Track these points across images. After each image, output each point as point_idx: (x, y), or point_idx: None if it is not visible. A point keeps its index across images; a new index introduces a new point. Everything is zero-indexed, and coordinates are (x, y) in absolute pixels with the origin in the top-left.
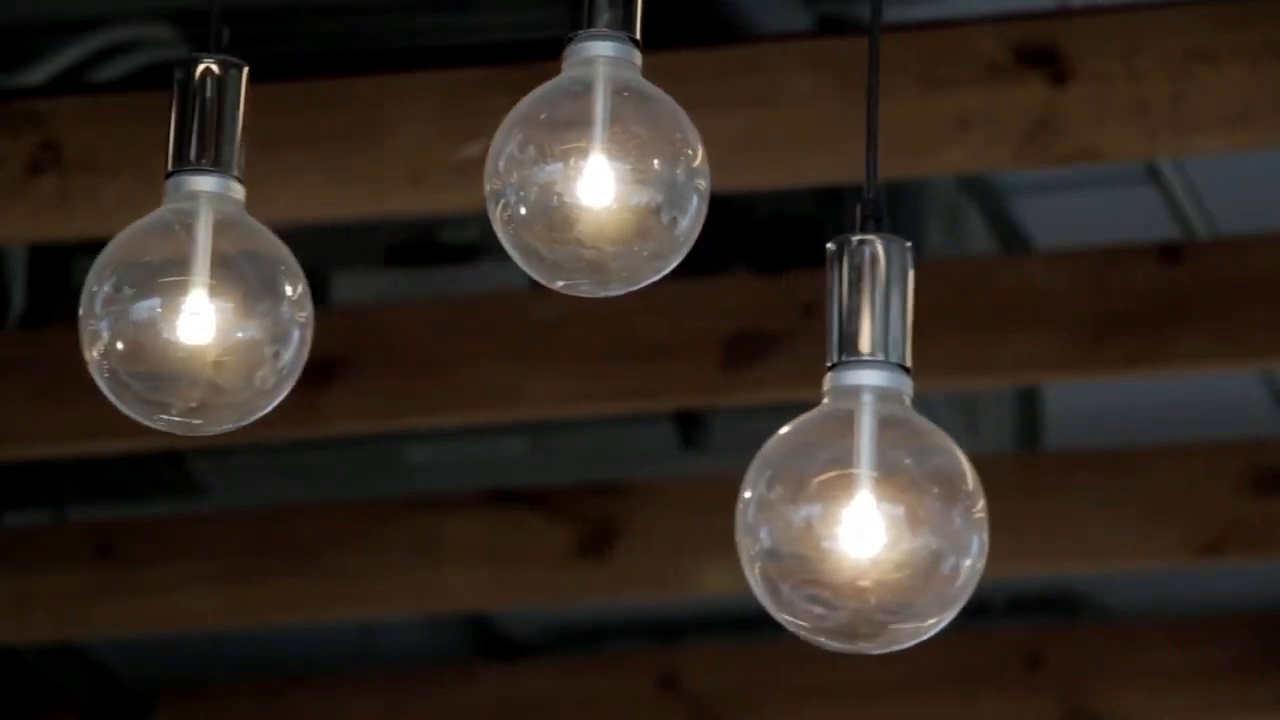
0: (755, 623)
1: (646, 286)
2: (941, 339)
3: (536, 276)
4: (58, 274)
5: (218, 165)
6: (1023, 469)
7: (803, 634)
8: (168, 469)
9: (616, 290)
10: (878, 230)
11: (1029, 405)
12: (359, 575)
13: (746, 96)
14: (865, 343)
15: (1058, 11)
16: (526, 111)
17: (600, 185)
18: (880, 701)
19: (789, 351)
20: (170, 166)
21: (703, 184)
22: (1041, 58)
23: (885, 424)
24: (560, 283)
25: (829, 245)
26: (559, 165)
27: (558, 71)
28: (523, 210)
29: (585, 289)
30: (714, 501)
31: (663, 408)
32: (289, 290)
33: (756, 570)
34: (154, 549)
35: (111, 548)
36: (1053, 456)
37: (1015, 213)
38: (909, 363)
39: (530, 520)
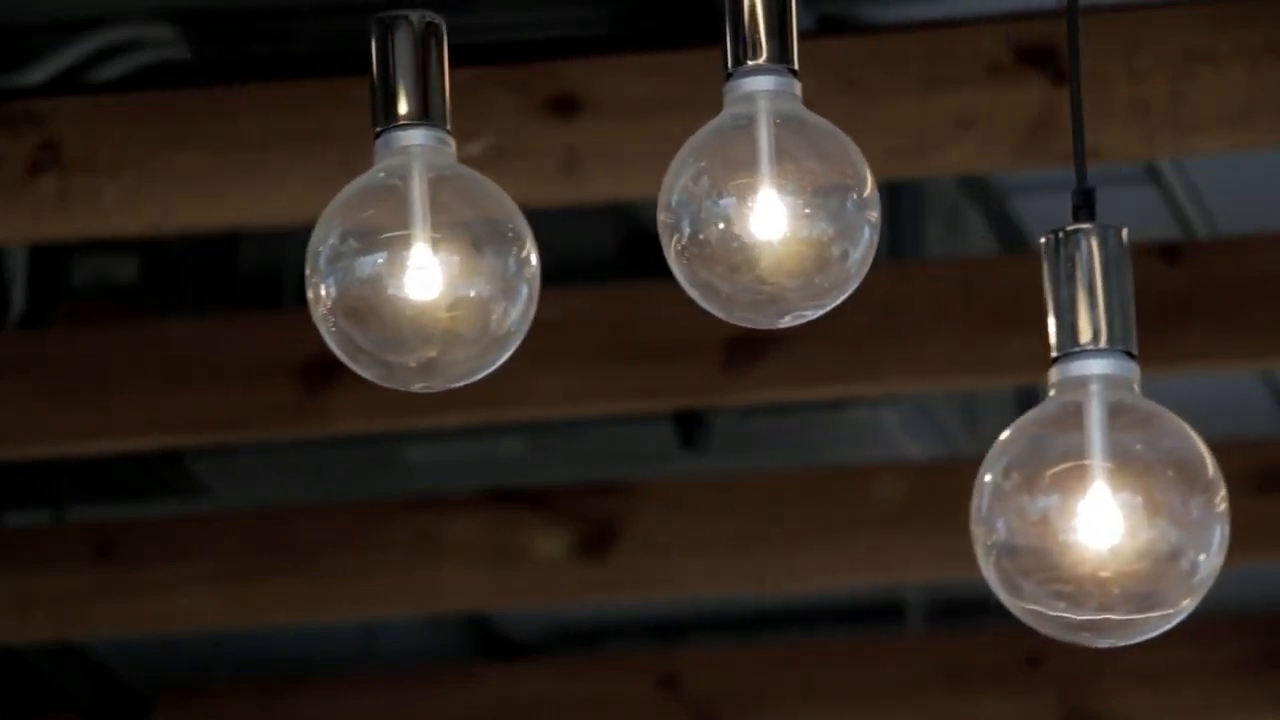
0: (755, 623)
1: (647, 286)
2: (941, 339)
3: (712, 309)
4: (58, 274)
5: (427, 119)
6: None
7: (1044, 628)
8: (168, 469)
9: (787, 322)
10: (1090, 219)
11: (1029, 405)
12: (359, 575)
13: None
14: (1087, 332)
15: (1057, 11)
16: (695, 147)
17: (772, 219)
18: (880, 701)
19: (789, 351)
20: (379, 125)
21: (874, 215)
22: (1041, 58)
23: (1114, 412)
24: (737, 316)
25: (1042, 239)
26: (731, 200)
27: (558, 71)
28: (698, 246)
29: (760, 322)
30: (714, 501)
31: (663, 408)
32: (514, 245)
33: (992, 563)
34: (154, 549)
35: (111, 548)
36: None
37: (1015, 213)
38: (1134, 349)
39: (530, 520)
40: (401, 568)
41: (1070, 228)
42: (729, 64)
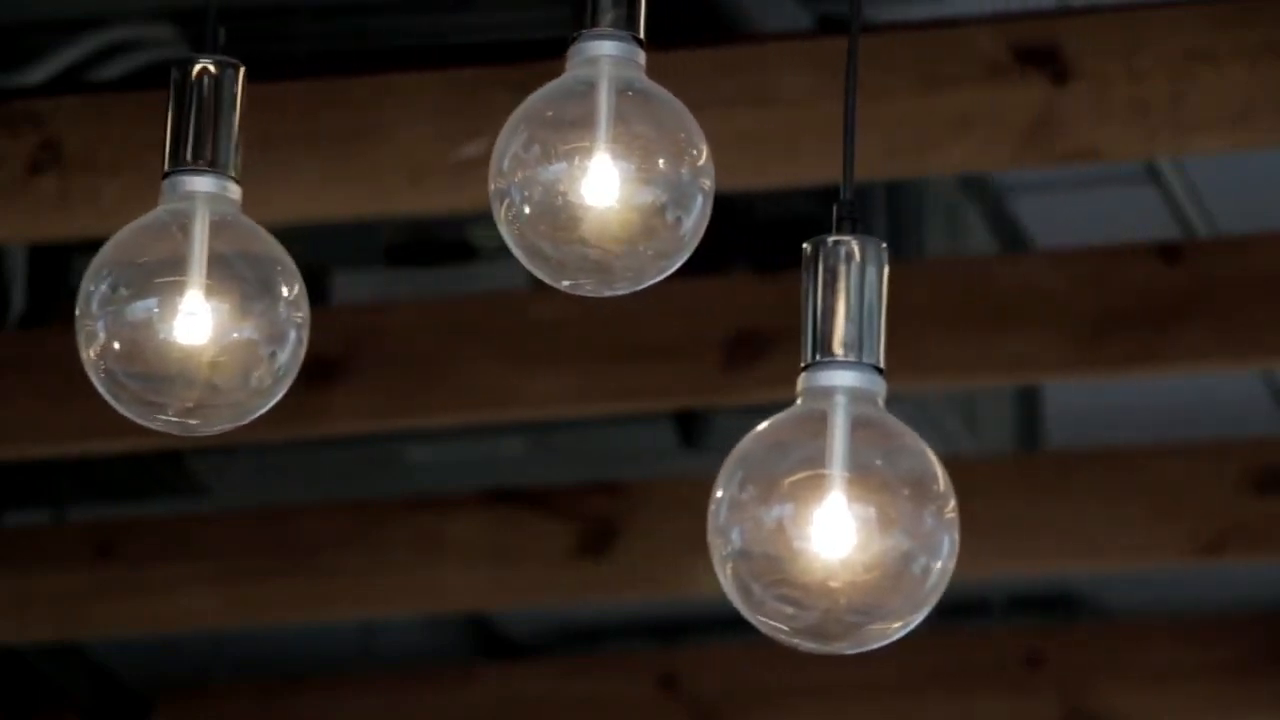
0: None
1: (647, 286)
2: (941, 339)
3: (541, 276)
4: (58, 274)
5: (214, 166)
6: (1023, 469)
7: (774, 635)
8: (168, 469)
9: (621, 290)
10: (853, 231)
11: (1029, 405)
12: (359, 575)
13: (746, 96)
14: (839, 343)
15: (1058, 11)
16: (530, 111)
17: (605, 184)
18: (880, 701)
19: (789, 351)
20: (167, 167)
21: (707, 183)
22: (1041, 57)
23: (858, 425)
24: (565, 282)
25: (804, 246)
26: (563, 165)
27: (558, 71)
28: (527, 210)
29: (590, 289)
30: None
31: (663, 408)
32: (285, 290)
33: (729, 571)
34: (154, 549)
35: (111, 548)
36: (1053, 456)
37: (1015, 212)
38: (882, 363)
39: (530, 520)
40: (401, 568)
41: (832, 238)
42: (573, 27)
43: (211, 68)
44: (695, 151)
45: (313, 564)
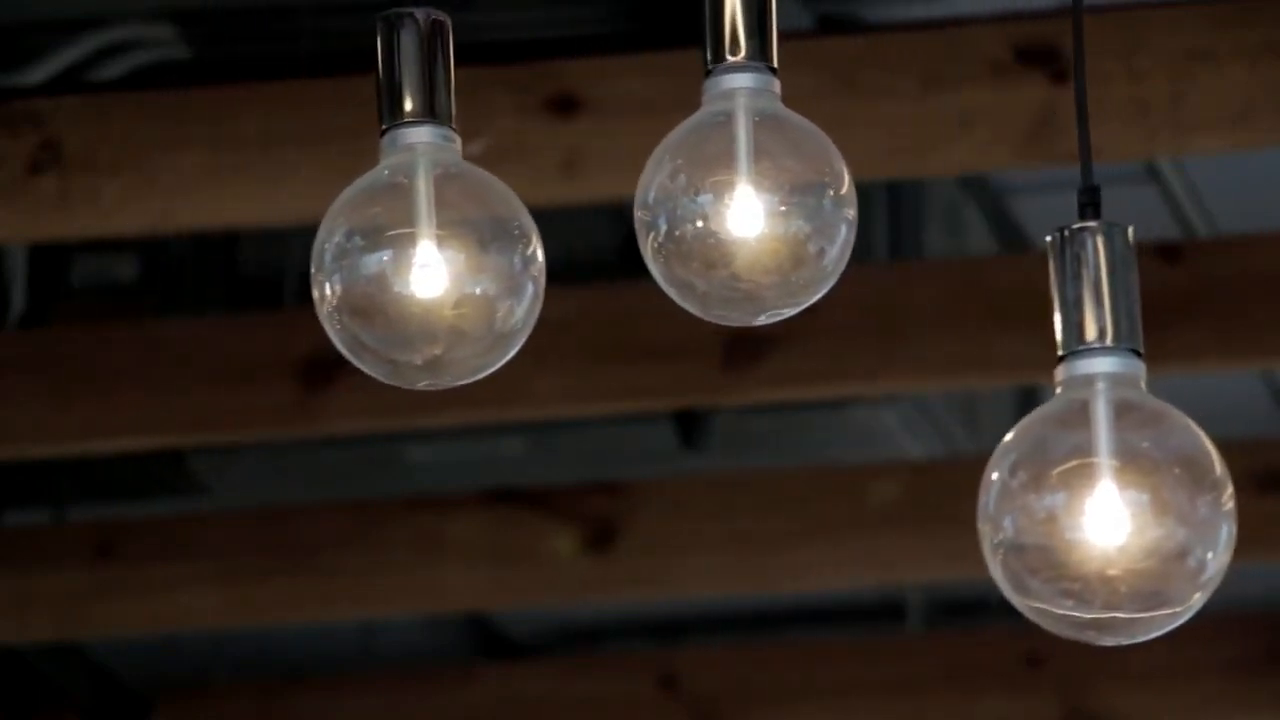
0: (755, 623)
1: (648, 286)
2: (941, 339)
3: (688, 307)
4: (58, 274)
5: (433, 116)
6: None
7: (1051, 626)
8: (168, 469)
9: (763, 321)
10: (1096, 217)
11: (1029, 405)
12: (359, 575)
13: None
14: (1093, 330)
15: (1058, 11)
16: (673, 144)
17: (749, 217)
18: (880, 701)
19: (789, 351)
20: (384, 123)
21: (850, 213)
22: (1042, 57)
23: (1121, 410)
24: (714, 314)
25: (1048, 237)
26: (709, 197)
27: (558, 70)
28: (675, 243)
29: (735, 319)
30: (714, 501)
31: (663, 408)
32: (521, 242)
33: (999, 560)
34: (154, 549)
35: (111, 548)
36: None
37: (1015, 212)
38: (1141, 347)
39: (530, 520)
40: (401, 568)
41: (1076, 226)
42: (708, 61)
43: (420, 19)
44: (837, 182)
45: (313, 564)
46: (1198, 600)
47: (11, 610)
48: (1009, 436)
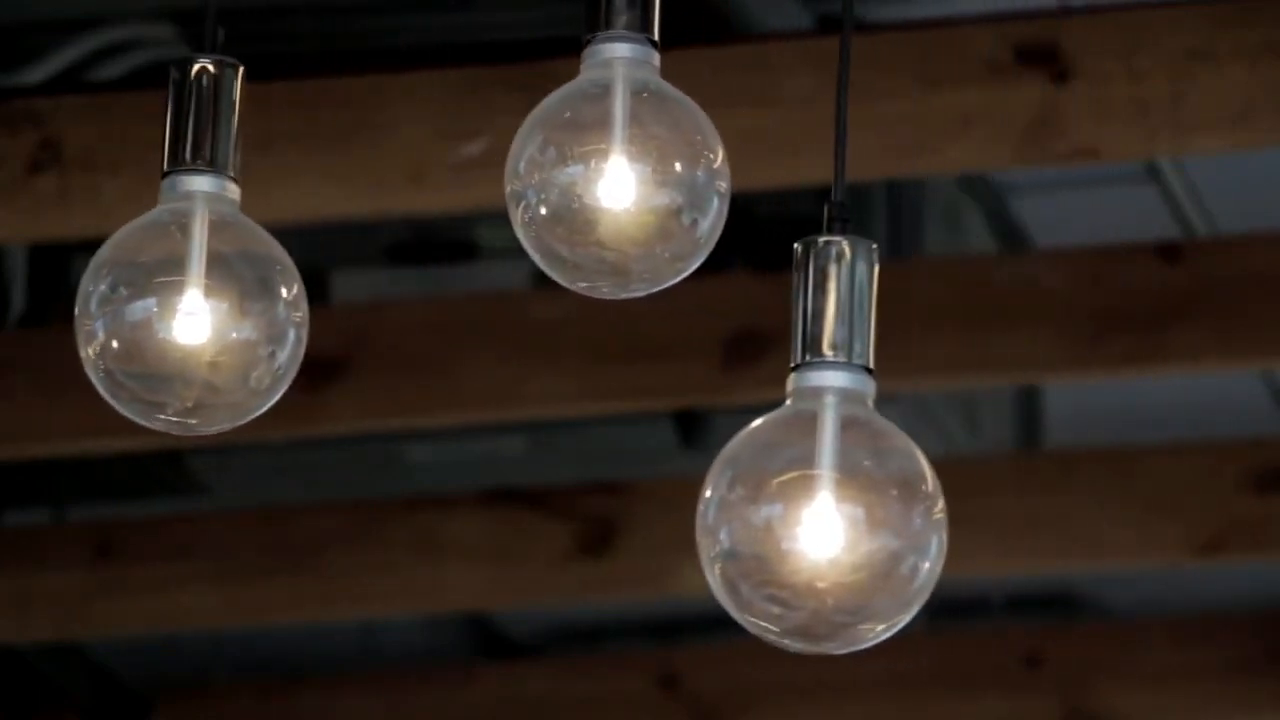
0: None
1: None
2: (941, 338)
3: (558, 278)
4: (58, 274)
5: (213, 165)
6: (1022, 468)
7: (762, 634)
8: (168, 468)
9: (638, 292)
10: (844, 231)
11: (1029, 404)
12: (359, 575)
13: (747, 95)
14: (828, 344)
15: (1058, 11)
16: (546, 113)
17: (621, 187)
18: (880, 701)
19: (789, 351)
20: (166, 166)
21: (723, 185)
22: (1042, 57)
23: (847, 425)
24: (581, 284)
25: (795, 246)
26: (580, 167)
27: (559, 71)
28: (543, 212)
29: (606, 291)
30: None
31: (663, 407)
32: (284, 290)
33: (717, 571)
34: (154, 549)
35: (111, 547)
36: (1052, 455)
37: (1015, 212)
38: (872, 364)
39: (530, 520)
40: (401, 567)
41: (823, 239)
42: (586, 29)
43: (211, 67)
44: (711, 154)
45: (313, 564)
46: (909, 612)
47: (11, 610)
48: (729, 446)
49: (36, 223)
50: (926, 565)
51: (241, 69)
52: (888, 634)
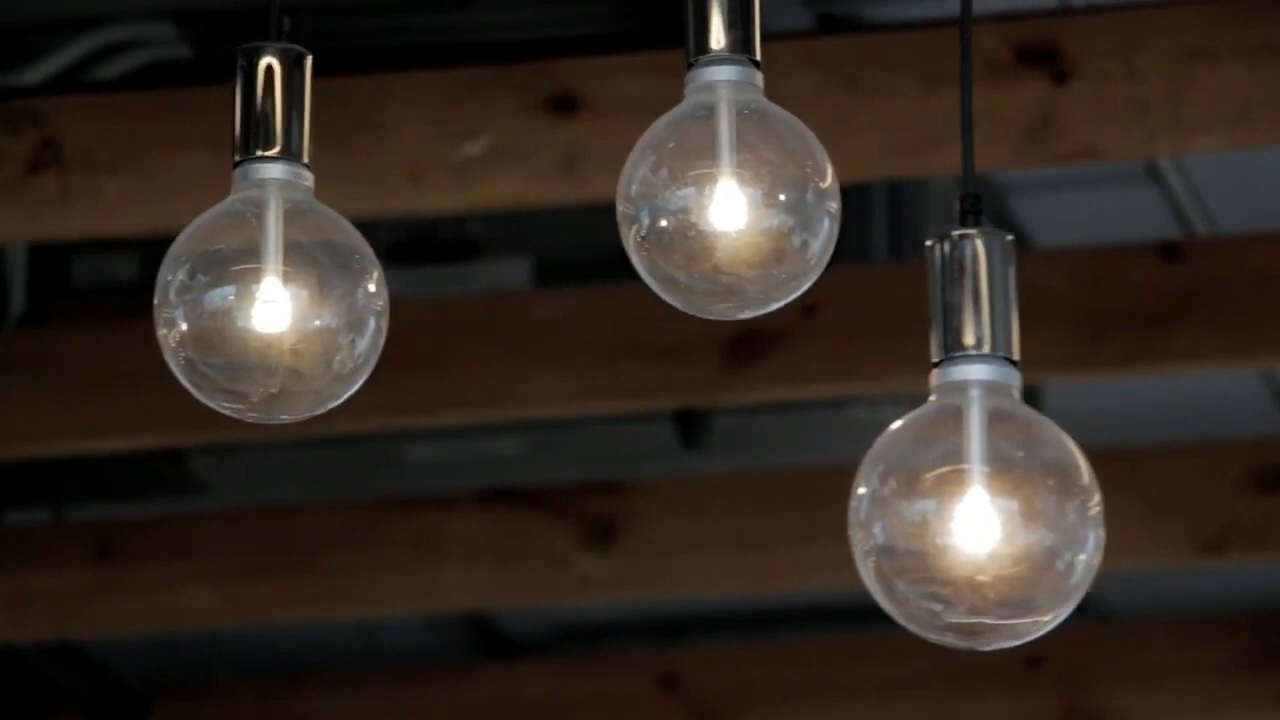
0: (755, 623)
1: (647, 286)
2: None
3: (671, 301)
4: (58, 273)
5: (286, 153)
6: None
7: (921, 632)
8: (168, 467)
9: (752, 313)
10: (977, 224)
11: (1029, 404)
12: (359, 575)
13: None
14: (970, 337)
15: (1058, 11)
16: (654, 138)
17: (730, 210)
18: (880, 701)
19: (789, 351)
20: (237, 155)
21: (833, 206)
22: (1042, 57)
23: (994, 418)
24: (696, 307)
25: (928, 242)
26: (690, 190)
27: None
28: (657, 235)
29: (719, 313)
30: (714, 501)
31: (663, 407)
32: (364, 278)
33: (870, 566)
34: (154, 548)
35: (111, 547)
36: None
37: (1015, 212)
38: (1016, 355)
39: (530, 519)
40: (401, 567)
41: (957, 232)
42: (690, 54)
43: (279, 55)
44: (820, 175)
45: (313, 564)
46: (1067, 606)
47: (11, 610)
48: (877, 444)
49: (36, 223)
50: (1083, 558)
51: (310, 57)
52: (1047, 628)
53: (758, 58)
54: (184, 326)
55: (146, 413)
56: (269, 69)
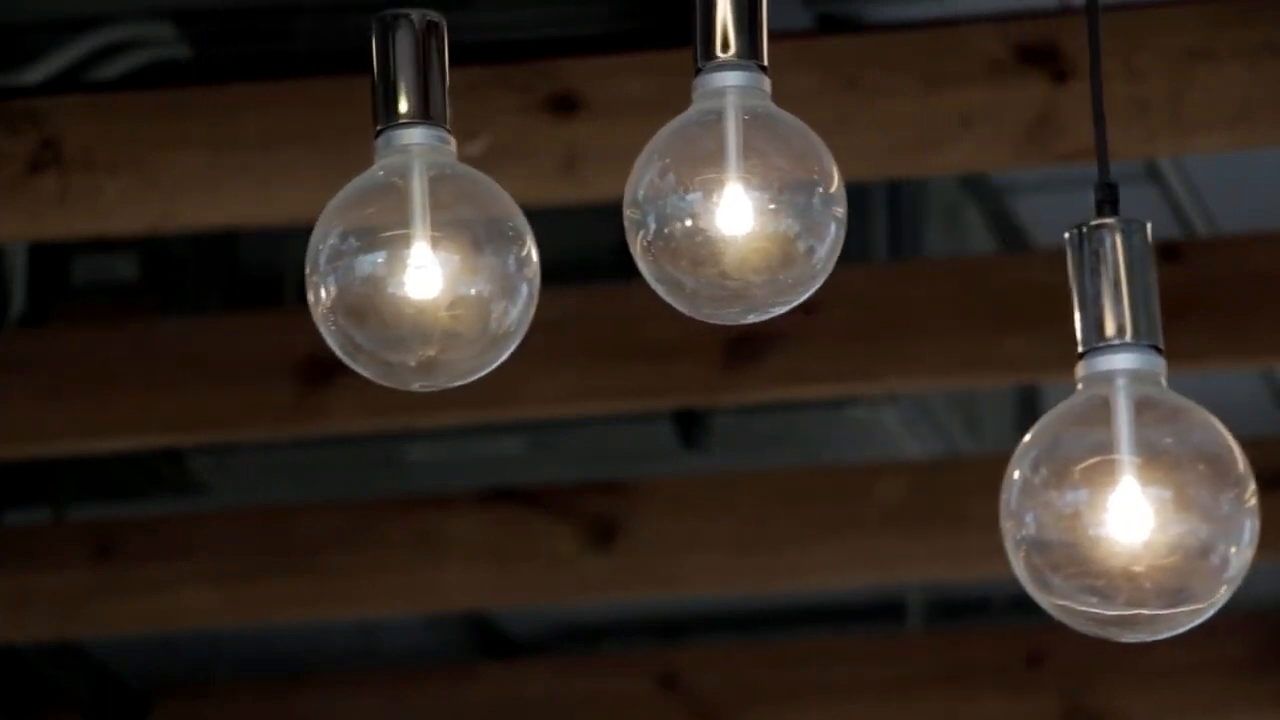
0: (755, 623)
1: (647, 286)
2: (941, 338)
3: (678, 305)
4: (58, 273)
5: (428, 118)
6: None
7: (1077, 624)
8: (167, 467)
9: (758, 318)
10: (1114, 214)
11: (1029, 405)
12: (359, 575)
13: None
14: (1112, 327)
15: (1058, 10)
16: (661, 143)
17: (737, 215)
18: (880, 701)
19: (789, 351)
20: (379, 123)
21: (839, 211)
22: (1042, 56)
23: (1142, 406)
24: (703, 312)
25: (1066, 234)
26: (697, 195)
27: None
28: (664, 240)
29: (725, 318)
30: (714, 501)
31: (663, 407)
32: (515, 244)
33: (1021, 556)
34: (154, 548)
35: (111, 547)
36: None
37: (1015, 212)
38: (1160, 343)
39: (530, 519)
40: (401, 567)
41: (1094, 222)
42: (698, 59)
43: (415, 20)
44: (826, 180)
45: (313, 564)
46: (1222, 596)
47: (11, 610)
48: (1030, 434)
49: (36, 223)
50: (1234, 550)
51: (444, 24)
52: (1205, 616)
53: (765, 63)
54: (335, 292)
55: (146, 413)
56: (405, 35)
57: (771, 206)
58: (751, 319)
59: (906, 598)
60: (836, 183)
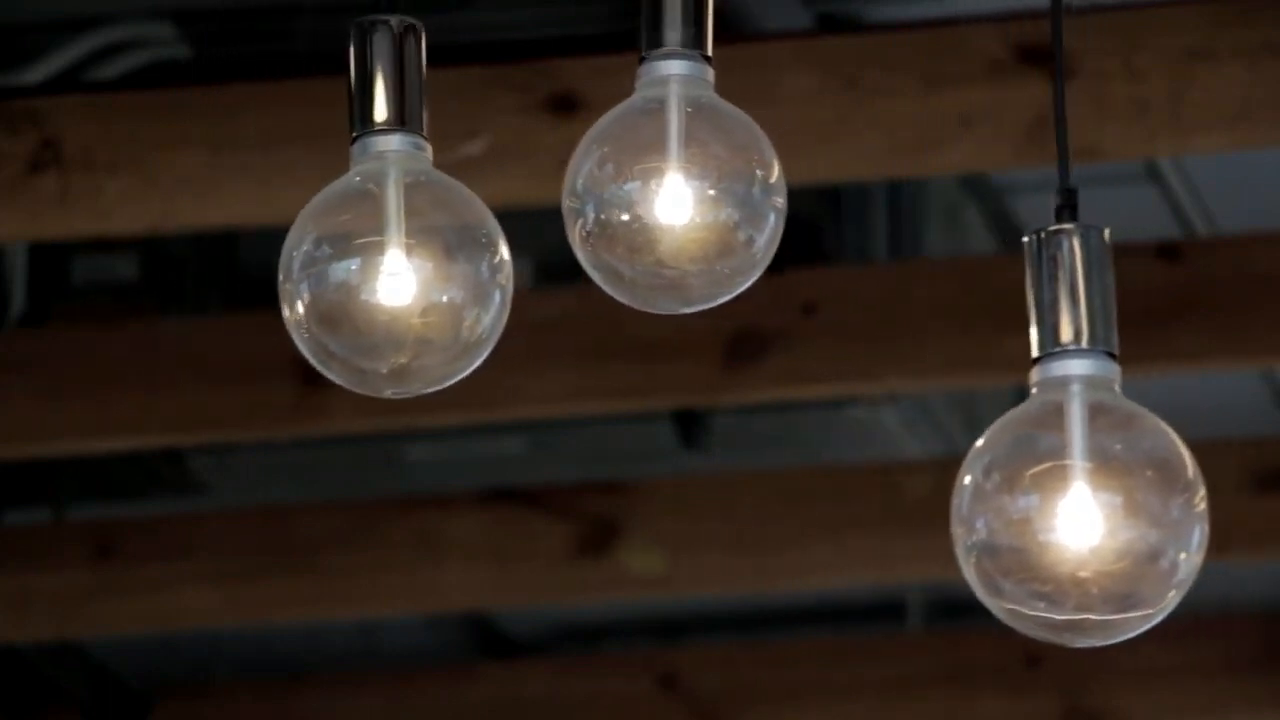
0: (755, 623)
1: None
2: (941, 338)
3: (617, 295)
4: (58, 273)
5: (403, 125)
6: None
7: (1026, 629)
8: (167, 467)
9: (695, 307)
10: (1073, 219)
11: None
12: (359, 575)
13: (746, 94)
14: (1068, 332)
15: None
16: (602, 131)
17: (678, 204)
18: (880, 701)
19: (789, 351)
20: (355, 130)
21: (779, 201)
22: (1042, 56)
23: (1095, 412)
24: (642, 301)
25: (1024, 239)
26: (637, 184)
27: (558, 70)
28: (602, 229)
29: (663, 307)
30: (714, 501)
31: (663, 407)
32: (489, 251)
33: (972, 563)
34: (154, 548)
35: (111, 547)
36: None
37: (1015, 211)
38: (1115, 349)
39: (530, 519)
40: (401, 567)
41: (1052, 228)
42: (642, 48)
43: (392, 27)
44: (766, 170)
45: (313, 564)
46: (1171, 601)
47: (11, 610)
48: (982, 439)
49: (36, 223)
50: (1184, 555)
51: (423, 29)
52: (1154, 622)
53: (709, 54)
54: (307, 299)
55: (146, 413)
56: (382, 41)
57: (711, 194)
58: (691, 309)
59: (906, 598)
60: (777, 173)
